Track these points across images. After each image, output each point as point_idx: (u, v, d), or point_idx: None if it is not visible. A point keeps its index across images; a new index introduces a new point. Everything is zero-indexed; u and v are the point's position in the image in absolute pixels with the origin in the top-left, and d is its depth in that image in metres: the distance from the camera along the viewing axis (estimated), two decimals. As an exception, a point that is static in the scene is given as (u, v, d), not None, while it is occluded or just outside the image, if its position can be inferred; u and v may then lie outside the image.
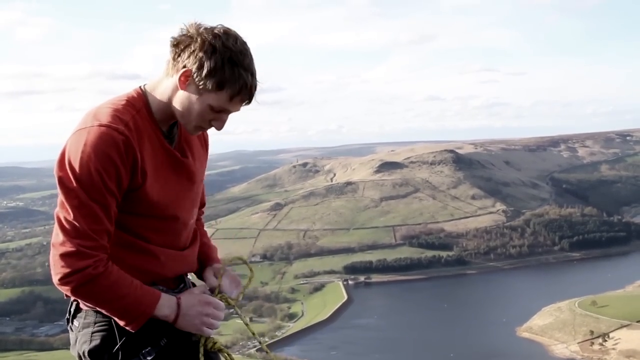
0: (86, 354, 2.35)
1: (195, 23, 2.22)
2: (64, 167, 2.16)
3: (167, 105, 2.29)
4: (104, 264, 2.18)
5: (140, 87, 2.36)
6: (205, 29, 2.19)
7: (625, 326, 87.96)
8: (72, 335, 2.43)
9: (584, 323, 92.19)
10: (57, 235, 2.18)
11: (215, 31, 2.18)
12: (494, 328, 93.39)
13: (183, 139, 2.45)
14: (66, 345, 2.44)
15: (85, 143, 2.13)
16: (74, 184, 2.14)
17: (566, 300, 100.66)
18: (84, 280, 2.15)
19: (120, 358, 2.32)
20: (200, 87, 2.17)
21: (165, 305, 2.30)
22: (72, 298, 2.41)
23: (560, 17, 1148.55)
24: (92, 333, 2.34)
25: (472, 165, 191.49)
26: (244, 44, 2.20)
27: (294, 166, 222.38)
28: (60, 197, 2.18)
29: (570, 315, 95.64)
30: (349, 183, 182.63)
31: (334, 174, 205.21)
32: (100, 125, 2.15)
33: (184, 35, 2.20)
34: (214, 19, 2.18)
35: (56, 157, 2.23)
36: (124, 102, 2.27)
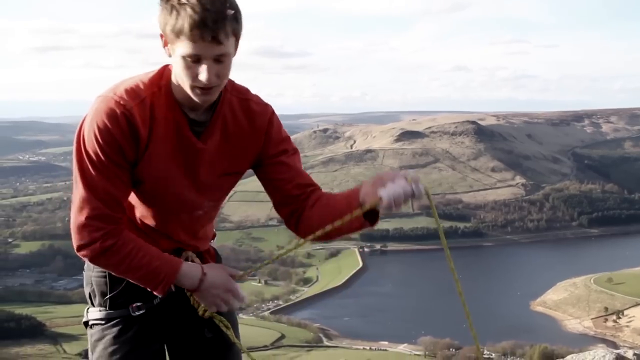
0: (87, 295, 2.46)
1: None
2: (78, 137, 2.17)
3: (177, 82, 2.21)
4: (114, 237, 2.19)
5: (168, 64, 2.25)
6: None
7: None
8: (84, 274, 2.50)
9: (598, 299, 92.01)
10: (72, 206, 2.22)
11: None
12: (508, 301, 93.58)
13: (221, 125, 2.29)
14: (84, 300, 2.41)
15: (95, 113, 2.13)
16: (83, 156, 2.15)
17: (582, 276, 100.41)
18: (94, 253, 2.19)
19: (108, 306, 2.37)
20: (170, 43, 2.08)
21: (188, 276, 2.28)
22: None
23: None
24: (91, 277, 2.41)
25: (493, 137, 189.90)
26: None
27: (315, 132, 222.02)
28: (74, 170, 2.19)
29: (585, 291, 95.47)
30: (368, 150, 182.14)
31: (354, 141, 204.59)
32: (112, 98, 2.14)
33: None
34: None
35: (80, 116, 2.24)
36: (148, 79, 2.21)
